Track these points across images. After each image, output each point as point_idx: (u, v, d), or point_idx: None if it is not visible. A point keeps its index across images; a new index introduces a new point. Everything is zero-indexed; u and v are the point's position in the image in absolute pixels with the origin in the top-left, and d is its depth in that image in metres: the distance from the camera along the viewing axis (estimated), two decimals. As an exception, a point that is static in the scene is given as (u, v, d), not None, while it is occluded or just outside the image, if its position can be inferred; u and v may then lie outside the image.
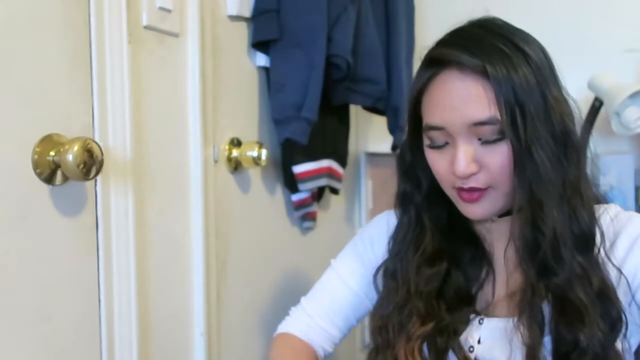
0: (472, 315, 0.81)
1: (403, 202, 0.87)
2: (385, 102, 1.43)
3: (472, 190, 0.76)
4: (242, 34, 1.17)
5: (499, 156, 0.74)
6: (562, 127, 0.74)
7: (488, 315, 0.81)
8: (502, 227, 0.82)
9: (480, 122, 0.73)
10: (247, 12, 1.15)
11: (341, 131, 1.47)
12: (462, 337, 0.80)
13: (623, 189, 1.54)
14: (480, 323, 0.80)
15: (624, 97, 1.37)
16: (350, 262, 0.95)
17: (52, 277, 0.76)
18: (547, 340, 0.74)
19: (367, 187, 1.77)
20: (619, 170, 1.54)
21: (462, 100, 0.74)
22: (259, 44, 1.18)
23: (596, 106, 1.45)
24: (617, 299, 0.74)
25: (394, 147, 1.50)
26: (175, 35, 0.98)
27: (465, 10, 1.73)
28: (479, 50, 0.73)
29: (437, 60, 0.76)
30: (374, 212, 1.77)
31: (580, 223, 0.75)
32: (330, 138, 1.40)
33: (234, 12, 1.11)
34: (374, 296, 0.91)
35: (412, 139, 0.83)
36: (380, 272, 0.89)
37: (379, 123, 1.56)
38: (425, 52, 0.80)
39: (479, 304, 0.82)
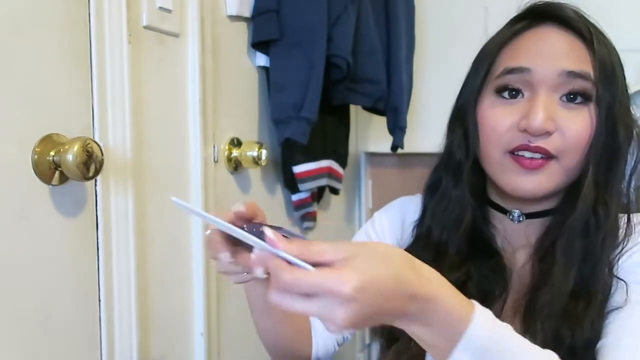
0: None
1: (455, 172, 0.80)
2: (385, 102, 1.43)
3: (538, 151, 0.70)
4: (242, 34, 1.17)
5: (580, 122, 0.70)
6: (631, 122, 0.73)
7: None
8: (520, 233, 0.78)
9: (575, 72, 0.69)
10: (247, 12, 1.15)
11: (341, 131, 1.47)
12: None
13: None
14: None
15: (624, 97, 1.37)
16: None
17: (52, 277, 0.76)
18: None
19: (367, 187, 1.77)
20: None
21: (559, 48, 0.71)
22: (259, 44, 1.18)
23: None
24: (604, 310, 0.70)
25: (394, 147, 1.50)
26: (175, 35, 0.98)
27: (465, 10, 1.73)
28: (582, 16, 0.72)
29: (536, 13, 0.73)
30: (373, 212, 1.76)
31: (619, 218, 0.72)
32: (330, 138, 1.40)
33: (234, 12, 1.11)
34: None
35: (476, 99, 0.76)
36: None
37: (379, 123, 1.56)
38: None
39: None
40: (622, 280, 0.70)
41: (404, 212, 0.91)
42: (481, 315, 0.55)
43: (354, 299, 0.48)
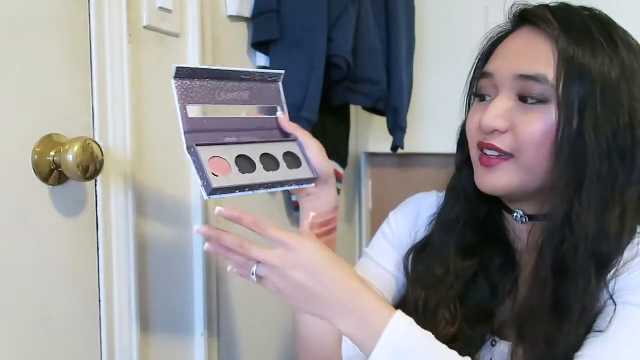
0: (487, 335, 0.79)
1: (458, 171, 0.84)
2: (385, 102, 1.43)
3: (491, 148, 0.72)
4: (242, 34, 1.17)
5: (534, 122, 0.70)
6: (628, 130, 0.69)
7: (501, 336, 0.78)
8: (528, 234, 0.78)
9: (526, 75, 0.70)
10: (247, 12, 1.15)
11: (341, 131, 1.47)
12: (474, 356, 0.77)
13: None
14: (492, 345, 0.78)
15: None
16: (380, 243, 0.93)
17: (52, 277, 0.76)
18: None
19: (367, 187, 1.77)
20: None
21: (518, 51, 0.72)
22: (259, 44, 1.18)
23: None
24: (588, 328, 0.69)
25: (394, 147, 1.50)
26: (175, 35, 0.98)
27: (465, 10, 1.73)
28: (567, 21, 0.71)
29: (517, 17, 0.76)
30: (374, 212, 1.77)
31: (609, 241, 0.69)
32: (330, 138, 1.39)
33: (234, 12, 1.11)
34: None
35: (468, 105, 0.82)
36: (412, 254, 0.87)
37: (379, 123, 1.56)
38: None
39: (496, 319, 0.79)
40: (612, 299, 0.68)
41: (418, 208, 0.92)
42: (399, 319, 0.65)
43: (310, 255, 0.68)
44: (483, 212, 0.82)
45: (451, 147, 0.88)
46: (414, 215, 0.92)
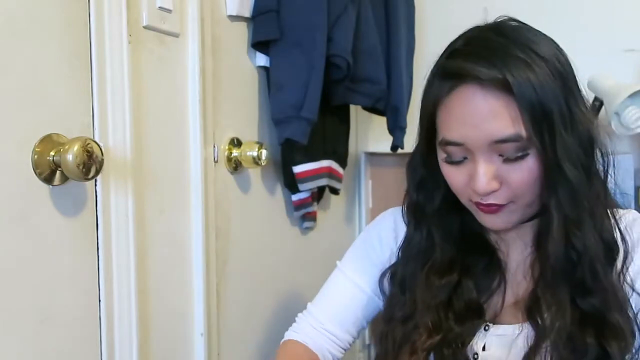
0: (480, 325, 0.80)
1: (414, 213, 0.84)
2: (385, 102, 1.43)
3: (490, 206, 0.74)
4: (242, 34, 1.17)
5: (522, 172, 0.72)
6: (588, 138, 0.72)
7: (495, 322, 0.80)
8: (512, 233, 0.81)
9: (501, 139, 0.70)
10: (247, 12, 1.15)
11: (341, 131, 1.47)
12: (468, 345, 0.79)
13: (623, 188, 1.54)
14: (485, 330, 0.79)
15: (624, 97, 1.37)
16: (358, 261, 0.92)
17: (52, 277, 0.76)
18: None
19: (367, 187, 1.77)
20: (619, 170, 1.54)
21: (483, 117, 0.70)
22: (259, 44, 1.18)
23: (596, 106, 1.45)
24: (633, 314, 0.73)
25: (394, 147, 1.50)
26: (175, 35, 0.98)
27: (464, 10, 1.73)
28: (499, 61, 0.69)
29: (454, 74, 0.72)
30: (374, 212, 1.77)
31: (607, 234, 0.74)
32: (330, 138, 1.40)
33: (234, 12, 1.11)
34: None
35: (425, 151, 0.80)
36: (387, 276, 0.88)
37: (379, 123, 1.56)
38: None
39: (488, 313, 0.80)
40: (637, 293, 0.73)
41: (395, 215, 0.92)
42: None
43: None
44: (457, 229, 0.83)
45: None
46: (391, 226, 0.92)
